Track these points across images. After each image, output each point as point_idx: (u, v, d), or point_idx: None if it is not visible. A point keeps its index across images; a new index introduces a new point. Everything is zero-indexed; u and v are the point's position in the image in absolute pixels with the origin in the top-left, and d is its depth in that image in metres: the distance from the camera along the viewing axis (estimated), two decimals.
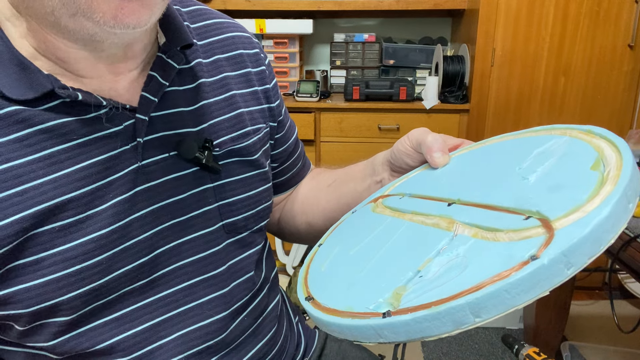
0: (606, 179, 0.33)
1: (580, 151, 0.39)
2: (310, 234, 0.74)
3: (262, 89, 0.64)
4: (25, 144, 0.44)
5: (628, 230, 0.96)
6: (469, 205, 0.41)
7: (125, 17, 0.41)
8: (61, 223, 0.45)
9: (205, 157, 0.53)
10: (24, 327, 0.48)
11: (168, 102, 0.53)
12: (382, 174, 0.61)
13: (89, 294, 0.48)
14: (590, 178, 0.34)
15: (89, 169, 0.47)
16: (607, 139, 0.39)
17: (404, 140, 0.57)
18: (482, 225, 0.36)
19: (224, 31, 0.62)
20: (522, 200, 0.36)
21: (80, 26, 0.42)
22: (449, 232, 0.38)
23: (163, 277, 0.53)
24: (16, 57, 0.44)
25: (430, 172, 0.53)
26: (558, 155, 0.40)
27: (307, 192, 0.74)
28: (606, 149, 0.37)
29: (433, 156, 0.52)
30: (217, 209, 0.56)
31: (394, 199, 0.52)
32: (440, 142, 0.52)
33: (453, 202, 0.43)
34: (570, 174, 0.36)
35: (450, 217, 0.40)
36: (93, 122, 0.47)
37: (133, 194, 0.49)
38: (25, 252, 0.45)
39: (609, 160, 0.35)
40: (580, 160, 0.37)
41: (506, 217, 0.35)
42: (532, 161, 0.41)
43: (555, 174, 0.38)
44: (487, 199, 0.40)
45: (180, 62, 0.53)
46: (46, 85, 0.44)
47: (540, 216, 0.33)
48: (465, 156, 0.52)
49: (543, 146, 0.43)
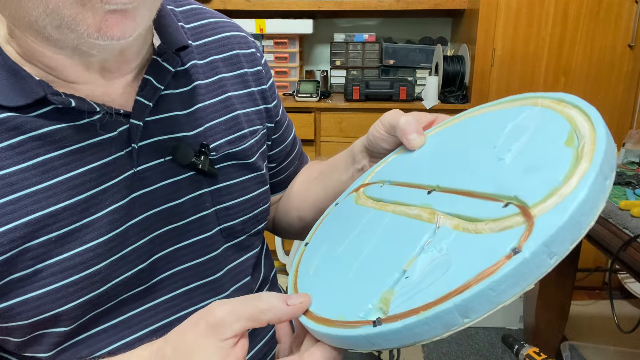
0: (581, 155, 0.32)
1: (553, 124, 0.37)
2: (303, 228, 0.73)
3: (258, 89, 0.63)
4: (18, 152, 0.43)
5: (628, 230, 0.96)
6: (449, 192, 0.40)
7: (109, 29, 0.40)
8: (57, 233, 0.45)
9: (202, 162, 0.53)
10: (23, 339, 0.47)
11: (163, 106, 0.52)
12: (362, 161, 0.59)
13: (88, 303, 0.47)
14: (564, 155, 0.33)
15: (83, 176, 0.46)
16: (579, 108, 0.37)
17: (377, 125, 0.55)
18: (462, 216, 0.36)
19: (219, 31, 0.61)
20: (500, 184, 0.36)
21: (65, 37, 0.41)
22: (430, 224, 0.38)
23: (161, 282, 0.52)
24: (6, 63, 0.43)
25: (407, 154, 0.52)
26: (531, 130, 0.39)
27: (298, 186, 0.73)
28: (579, 120, 0.36)
29: (409, 138, 0.51)
30: (214, 213, 0.56)
31: (375, 187, 0.51)
32: (414, 123, 0.51)
33: (432, 189, 0.42)
34: (545, 152, 0.35)
35: (431, 207, 0.40)
36: (87, 128, 0.46)
37: (129, 200, 0.49)
38: (22, 265, 0.44)
39: (582, 133, 0.34)
40: (554, 135, 0.36)
41: (485, 205, 0.35)
42: (506, 137, 0.40)
43: (529, 152, 0.37)
44: (466, 184, 0.39)
45: (175, 65, 0.52)
46: (38, 91, 0.43)
47: (519, 202, 0.33)
48: (441, 134, 0.51)
49: (516, 119, 0.42)
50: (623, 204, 1.00)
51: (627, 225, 0.96)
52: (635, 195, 1.07)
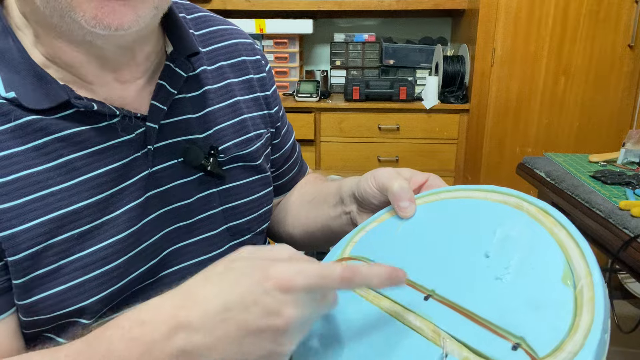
0: (581, 303, 0.35)
1: (545, 249, 0.39)
2: (291, 244, 0.75)
3: (263, 95, 0.65)
4: (42, 152, 0.46)
5: (628, 230, 0.96)
6: (448, 305, 0.40)
7: (105, 16, 0.41)
8: (79, 230, 0.47)
9: (211, 164, 0.55)
10: (48, 326, 0.49)
11: (176, 110, 0.54)
12: (350, 206, 0.60)
13: (108, 297, 0.49)
14: (564, 296, 0.36)
15: (103, 176, 0.48)
16: (567, 231, 0.40)
17: (370, 181, 0.54)
18: (471, 347, 0.36)
19: (228, 38, 0.64)
20: (504, 316, 0.37)
21: (70, 26, 0.43)
22: (436, 346, 0.38)
23: (167, 277, 0.54)
24: (33, 68, 0.46)
25: (390, 227, 0.51)
26: (523, 248, 0.40)
27: (292, 204, 0.74)
28: (572, 253, 0.38)
29: (400, 206, 0.50)
30: (222, 212, 0.58)
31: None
32: (407, 191, 0.50)
33: (429, 295, 0.42)
34: (543, 287, 0.37)
35: (433, 323, 0.39)
36: (107, 130, 0.49)
37: (145, 199, 0.51)
38: (46, 261, 0.46)
39: (578, 273, 0.37)
40: (549, 265, 0.38)
41: (492, 341, 0.36)
42: (497, 248, 0.42)
43: (527, 282, 0.38)
44: (466, 302, 0.39)
45: (187, 71, 0.54)
46: (62, 95, 0.45)
47: (527, 347, 0.34)
48: (427, 210, 0.50)
49: (504, 225, 0.43)
50: (623, 204, 1.01)
51: (627, 225, 0.96)
52: (635, 195, 1.07)
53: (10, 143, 0.44)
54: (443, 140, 2.10)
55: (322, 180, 0.76)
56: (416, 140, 2.09)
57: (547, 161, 1.38)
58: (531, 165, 1.37)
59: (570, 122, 2.03)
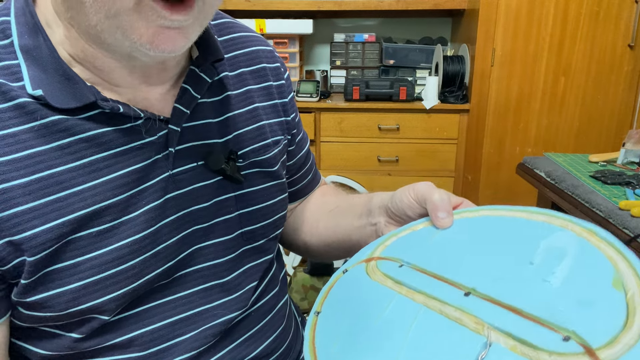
0: (633, 305, 0.34)
1: (593, 259, 0.38)
2: (305, 252, 0.76)
3: (281, 102, 0.66)
4: (66, 152, 0.46)
5: (628, 230, 0.96)
6: (489, 300, 0.38)
7: (161, 43, 0.42)
8: (98, 228, 0.47)
9: (230, 168, 0.56)
10: (56, 322, 0.49)
11: (198, 114, 0.55)
12: (378, 217, 0.60)
13: (123, 297, 0.49)
14: (616, 297, 0.34)
15: (125, 177, 0.49)
16: (614, 247, 0.39)
17: (408, 193, 0.55)
18: (518, 337, 0.34)
19: (249, 45, 0.64)
20: (552, 311, 0.35)
21: (119, 43, 0.43)
22: (479, 335, 0.36)
23: (181, 278, 0.55)
24: (61, 67, 0.46)
25: (426, 234, 0.50)
26: (572, 257, 0.39)
27: (311, 212, 0.75)
28: (621, 266, 0.37)
29: (438, 216, 0.50)
30: (238, 217, 0.58)
31: (391, 265, 0.49)
32: (447, 202, 0.51)
33: (469, 292, 0.40)
34: (594, 288, 0.36)
35: (475, 316, 0.37)
36: (130, 132, 0.49)
37: (164, 201, 0.51)
38: (63, 256, 0.46)
39: (627, 284, 0.35)
40: (598, 271, 0.37)
41: (541, 332, 0.34)
42: (544, 256, 0.40)
43: (577, 282, 0.37)
44: (509, 298, 0.38)
45: (212, 76, 0.55)
46: (89, 96, 0.46)
47: (580, 340, 0.33)
48: (463, 224, 0.50)
49: (548, 238, 0.42)
50: (623, 204, 1.01)
51: (627, 225, 0.96)
52: (635, 195, 1.07)
53: (34, 142, 0.45)
54: (443, 140, 2.10)
55: (345, 192, 0.76)
56: (416, 140, 2.10)
57: (547, 161, 1.38)
58: (531, 165, 1.37)
59: (570, 122, 2.03)
